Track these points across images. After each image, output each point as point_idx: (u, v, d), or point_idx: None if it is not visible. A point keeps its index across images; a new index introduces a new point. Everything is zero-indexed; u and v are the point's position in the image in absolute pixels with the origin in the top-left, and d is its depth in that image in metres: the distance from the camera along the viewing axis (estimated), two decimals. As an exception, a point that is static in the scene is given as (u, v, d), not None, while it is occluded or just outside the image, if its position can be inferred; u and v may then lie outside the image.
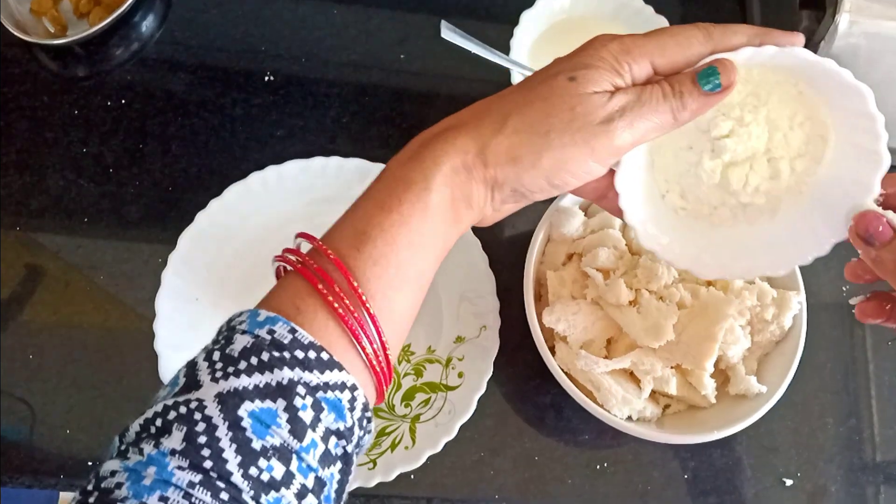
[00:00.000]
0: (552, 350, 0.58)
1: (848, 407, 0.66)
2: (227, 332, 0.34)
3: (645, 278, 0.56)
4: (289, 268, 0.37)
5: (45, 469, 0.57)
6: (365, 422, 0.34)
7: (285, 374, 0.31)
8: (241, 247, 0.62)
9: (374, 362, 0.35)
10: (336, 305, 0.33)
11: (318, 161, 0.63)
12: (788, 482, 0.63)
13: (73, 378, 0.59)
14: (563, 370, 0.55)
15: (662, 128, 0.38)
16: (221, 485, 0.29)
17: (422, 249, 0.37)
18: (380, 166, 0.63)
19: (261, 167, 0.62)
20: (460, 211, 0.38)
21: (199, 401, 0.30)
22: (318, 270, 0.34)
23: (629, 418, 0.56)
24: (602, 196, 0.44)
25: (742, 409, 0.56)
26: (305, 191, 0.64)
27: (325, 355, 0.32)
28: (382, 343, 0.35)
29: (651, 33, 0.39)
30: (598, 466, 0.61)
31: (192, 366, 0.33)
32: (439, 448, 0.56)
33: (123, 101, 0.68)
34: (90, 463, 0.57)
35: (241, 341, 0.32)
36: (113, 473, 0.29)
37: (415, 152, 0.38)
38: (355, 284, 0.34)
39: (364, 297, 0.34)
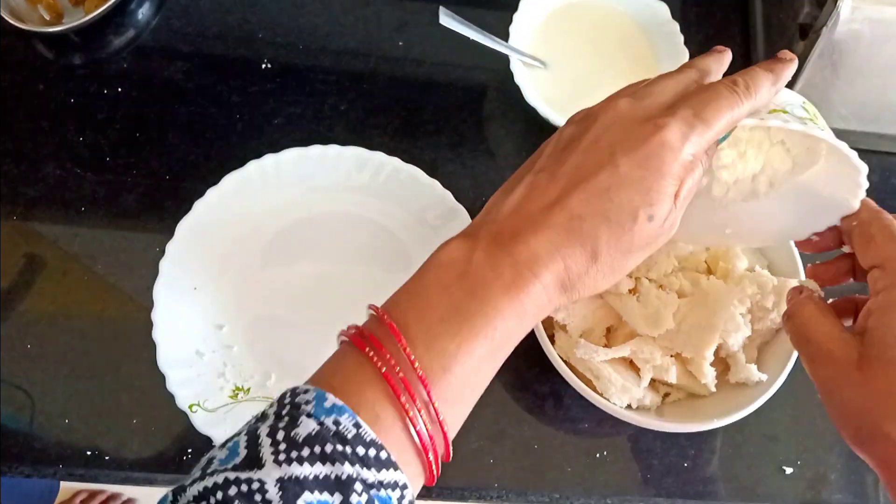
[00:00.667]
0: (551, 339, 0.57)
1: (848, 395, 0.66)
2: (292, 408, 0.33)
3: (645, 266, 0.56)
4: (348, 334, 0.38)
5: (44, 458, 0.57)
6: None
7: (346, 470, 0.31)
8: (239, 235, 0.62)
9: (434, 470, 0.36)
10: (415, 422, 0.34)
11: (316, 149, 0.63)
12: (788, 470, 0.63)
13: (71, 367, 0.59)
14: (562, 359, 0.55)
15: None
16: None
17: (495, 371, 0.38)
18: (379, 155, 0.63)
19: (258, 155, 0.62)
20: (529, 329, 0.40)
21: (261, 482, 0.30)
22: (403, 381, 0.34)
23: (628, 406, 0.56)
24: None
25: (742, 398, 0.55)
26: (303, 179, 0.63)
27: (384, 454, 0.33)
28: (448, 452, 0.37)
29: (708, 114, 0.38)
30: (597, 455, 0.61)
31: (254, 438, 0.33)
32: (438, 437, 0.56)
33: (120, 90, 0.67)
34: (88, 452, 0.57)
35: (306, 425, 0.32)
36: None
37: (512, 283, 0.37)
38: (436, 405, 0.35)
39: (442, 418, 0.35)
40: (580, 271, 0.38)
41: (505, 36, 0.67)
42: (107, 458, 0.57)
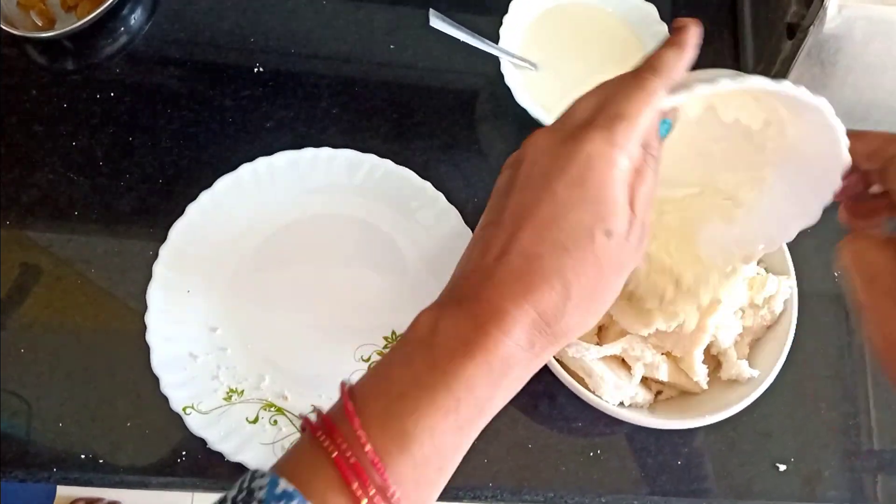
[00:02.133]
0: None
1: (841, 392, 0.66)
2: (247, 495, 0.32)
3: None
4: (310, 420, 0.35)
5: (39, 462, 0.57)
6: None
7: None
8: (232, 238, 0.62)
9: None
10: None
11: (308, 152, 0.63)
12: (782, 467, 0.63)
13: (66, 371, 0.59)
14: (555, 358, 0.55)
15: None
16: None
17: (467, 446, 0.35)
18: (371, 157, 0.63)
19: (251, 159, 0.62)
20: (512, 395, 0.36)
21: None
22: (355, 466, 0.32)
23: (621, 404, 0.56)
24: None
25: (734, 394, 0.56)
26: (296, 182, 0.63)
27: None
28: None
29: (626, 109, 0.36)
30: (591, 453, 0.61)
31: None
32: (432, 437, 0.56)
33: (113, 95, 0.68)
34: (83, 456, 0.57)
35: None
36: None
37: (477, 345, 0.34)
38: (392, 490, 0.32)
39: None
40: (556, 312, 0.35)
41: (495, 38, 0.67)
42: (101, 461, 0.57)
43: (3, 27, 0.65)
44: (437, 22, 0.58)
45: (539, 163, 0.36)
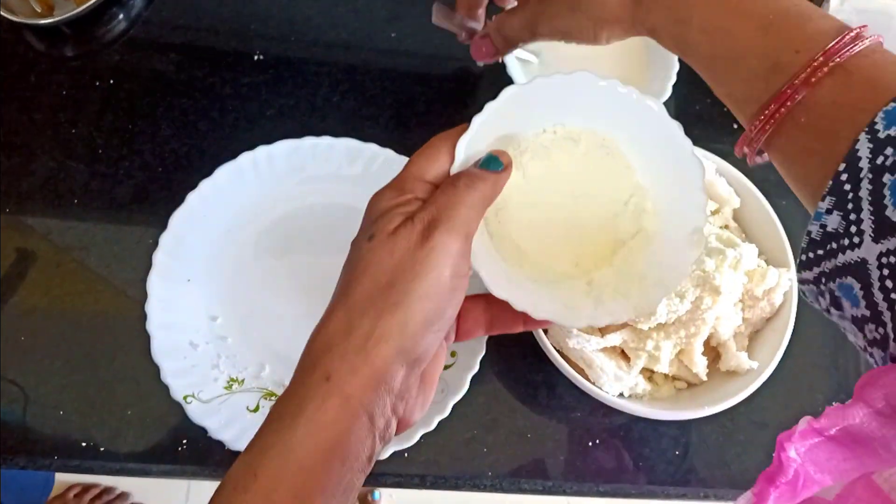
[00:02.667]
0: (545, 329, 0.58)
1: (837, 382, 0.67)
2: None
3: None
4: None
5: (40, 450, 0.57)
6: None
7: None
8: (232, 227, 0.62)
9: None
10: None
11: (308, 141, 0.63)
12: (779, 457, 0.64)
13: (65, 359, 0.59)
14: (555, 348, 0.56)
15: (483, 207, 0.38)
16: None
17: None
18: (371, 146, 0.63)
19: (251, 147, 0.62)
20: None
21: None
22: None
23: (621, 395, 0.57)
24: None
25: (733, 386, 0.56)
26: (296, 170, 0.63)
27: None
28: None
29: (409, 162, 0.40)
30: (589, 443, 0.62)
31: None
32: (433, 426, 0.57)
33: (112, 82, 0.67)
34: (83, 444, 0.57)
35: None
36: None
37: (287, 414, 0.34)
38: None
39: None
40: (344, 323, 0.35)
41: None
42: (101, 449, 0.57)
43: (2, 13, 0.64)
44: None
45: None
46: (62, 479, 1.39)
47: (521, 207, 0.43)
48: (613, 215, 0.43)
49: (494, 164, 0.38)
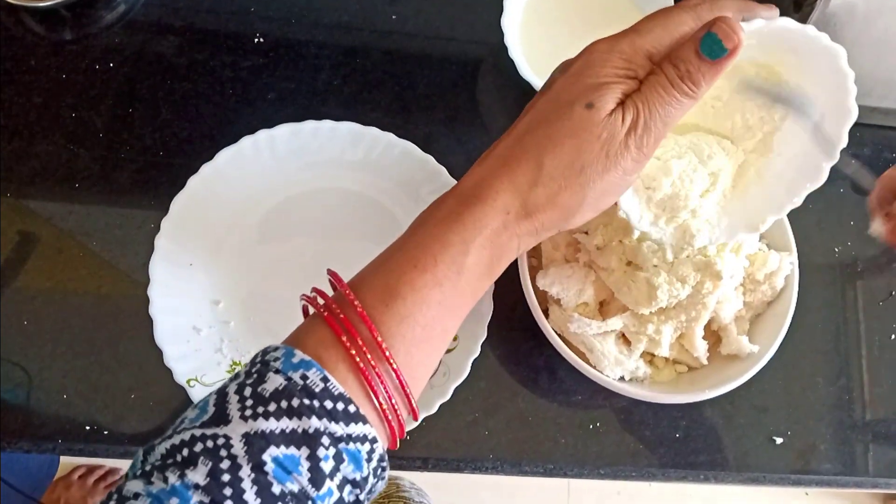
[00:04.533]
0: (546, 313, 0.58)
1: (838, 367, 0.67)
2: (261, 366, 0.34)
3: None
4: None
5: (44, 433, 0.57)
6: (380, 470, 0.35)
7: (313, 423, 0.31)
8: (233, 211, 0.62)
9: (390, 417, 0.35)
10: (358, 360, 0.34)
11: (309, 124, 0.63)
12: (779, 440, 0.64)
13: (69, 343, 0.59)
14: (556, 332, 0.56)
15: (683, 110, 0.38)
16: None
17: (451, 309, 0.37)
18: (373, 130, 0.63)
19: (252, 131, 0.62)
20: (494, 267, 0.38)
21: (227, 438, 0.31)
22: (343, 321, 0.34)
23: (621, 378, 0.57)
24: None
25: (734, 369, 0.56)
26: (297, 154, 0.63)
27: (352, 408, 0.33)
28: (409, 397, 0.36)
29: (641, 25, 0.39)
30: (590, 426, 0.62)
31: (222, 396, 0.33)
32: (434, 409, 0.57)
33: (112, 65, 0.67)
34: (87, 427, 0.57)
35: (273, 381, 0.32)
36: (136, 496, 0.30)
37: (454, 212, 0.37)
38: (380, 340, 0.34)
39: (388, 353, 0.34)
40: (529, 183, 0.37)
41: (499, 10, 0.66)
42: (105, 432, 0.58)
43: (0, -5, 0.64)
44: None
45: (554, 72, 0.40)
46: (67, 460, 1.40)
47: None
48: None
49: (715, 50, 0.36)
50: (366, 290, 0.36)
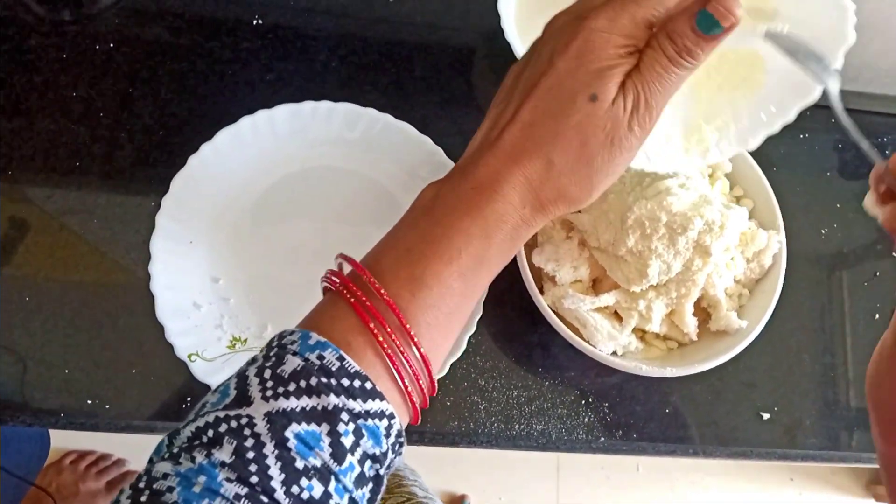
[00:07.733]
0: (541, 290, 0.59)
1: (824, 345, 0.69)
2: (279, 349, 0.35)
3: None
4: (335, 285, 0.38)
5: (45, 408, 0.58)
6: (398, 446, 0.36)
7: (331, 400, 0.32)
8: (233, 189, 0.63)
9: (416, 398, 0.37)
10: (386, 346, 0.35)
11: (308, 105, 0.64)
12: (766, 416, 0.66)
13: (69, 319, 0.60)
14: (550, 308, 0.57)
15: (682, 80, 0.39)
16: (265, 499, 0.30)
17: (471, 296, 0.39)
18: (370, 111, 0.64)
19: (251, 111, 0.62)
20: (510, 255, 0.40)
21: (250, 417, 0.32)
22: (370, 308, 0.35)
23: (614, 353, 0.58)
24: None
25: (723, 344, 0.58)
26: (296, 134, 0.64)
27: (368, 385, 0.34)
28: (431, 379, 0.37)
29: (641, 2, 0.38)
30: (582, 402, 0.63)
31: (243, 379, 0.34)
32: (431, 384, 0.58)
33: (111, 45, 0.68)
34: (89, 401, 0.58)
35: (291, 363, 0.33)
36: (165, 476, 0.31)
37: (473, 203, 0.38)
38: (408, 327, 0.36)
39: (417, 340, 0.36)
40: (541, 178, 0.38)
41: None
42: (107, 406, 0.58)
43: (0, -25, 0.64)
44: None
45: (550, 41, 0.39)
46: (57, 446, 1.40)
47: None
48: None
49: (713, 28, 0.37)
50: (390, 278, 0.37)
